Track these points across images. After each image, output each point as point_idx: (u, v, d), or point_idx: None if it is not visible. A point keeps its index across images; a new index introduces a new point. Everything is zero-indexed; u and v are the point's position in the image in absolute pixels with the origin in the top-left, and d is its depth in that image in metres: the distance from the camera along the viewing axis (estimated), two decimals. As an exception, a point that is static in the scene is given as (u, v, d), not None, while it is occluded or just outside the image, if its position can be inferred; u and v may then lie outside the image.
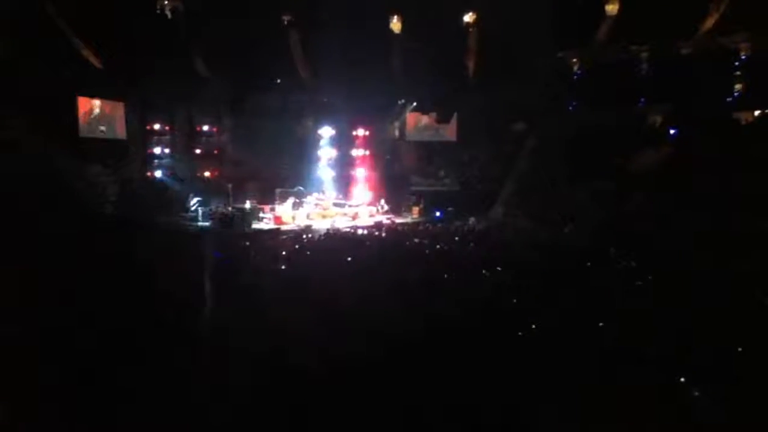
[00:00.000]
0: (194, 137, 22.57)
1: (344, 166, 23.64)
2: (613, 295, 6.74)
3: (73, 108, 18.90)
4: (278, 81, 22.00)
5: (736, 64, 18.79)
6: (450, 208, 20.89)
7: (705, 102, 17.97)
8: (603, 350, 4.88)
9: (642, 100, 20.34)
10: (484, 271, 8.54)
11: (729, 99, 18.81)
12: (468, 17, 19.51)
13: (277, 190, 20.82)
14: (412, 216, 21.40)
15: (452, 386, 3.70)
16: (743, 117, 18.00)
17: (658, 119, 19.54)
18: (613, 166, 17.73)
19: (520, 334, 5.34)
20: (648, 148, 17.76)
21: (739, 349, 4.79)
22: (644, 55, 19.97)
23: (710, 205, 12.25)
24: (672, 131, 18.69)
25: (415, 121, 23.73)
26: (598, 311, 5.99)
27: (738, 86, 18.82)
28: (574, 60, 21.02)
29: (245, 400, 2.70)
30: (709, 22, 18.03)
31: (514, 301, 6.60)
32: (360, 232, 16.43)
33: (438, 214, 20.94)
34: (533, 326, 5.46)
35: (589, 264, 9.69)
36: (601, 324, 5.65)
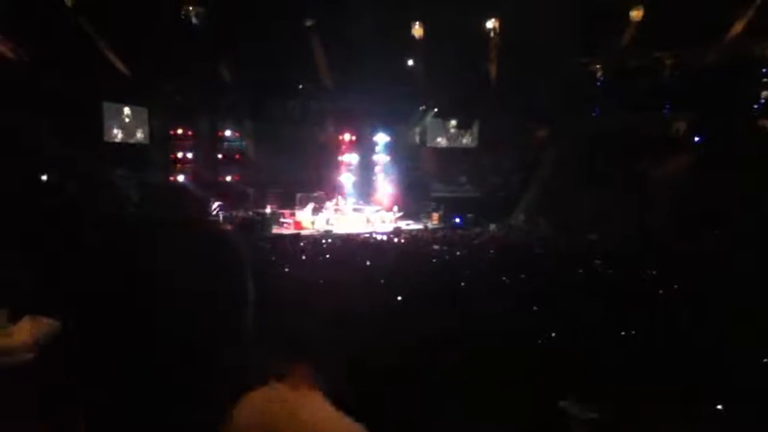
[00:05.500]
0: (216, 142, 22.77)
1: (365, 171, 23.66)
2: (637, 304, 6.63)
3: (99, 113, 19.19)
4: (300, 86, 22.11)
5: (763, 71, 18.50)
6: (470, 215, 20.73)
7: (731, 110, 17.70)
8: (625, 359, 4.80)
9: (666, 107, 20.12)
10: (504, 278, 8.45)
11: (756, 107, 18.52)
12: (490, 23, 19.44)
13: (298, 195, 20.90)
14: (432, 222, 21.28)
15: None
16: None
17: (683, 127, 19.30)
18: (636, 174, 17.55)
19: (539, 342, 5.29)
20: (672, 156, 17.55)
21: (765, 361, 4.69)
22: (669, 61, 19.74)
23: (736, 213, 12.06)
24: (697, 139, 18.44)
25: (436, 127, 23.70)
26: (619, 320, 5.91)
27: (765, 94, 18.53)
28: (598, 66, 20.84)
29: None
30: (736, 29, 17.78)
31: (534, 308, 6.52)
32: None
33: (457, 220, 20.76)
34: (552, 335, 5.40)
35: (611, 272, 9.57)
36: (623, 333, 5.58)
